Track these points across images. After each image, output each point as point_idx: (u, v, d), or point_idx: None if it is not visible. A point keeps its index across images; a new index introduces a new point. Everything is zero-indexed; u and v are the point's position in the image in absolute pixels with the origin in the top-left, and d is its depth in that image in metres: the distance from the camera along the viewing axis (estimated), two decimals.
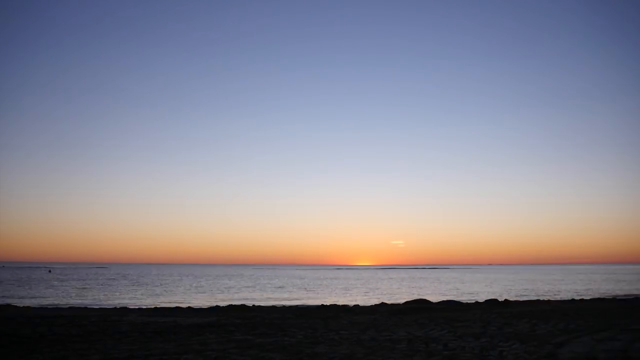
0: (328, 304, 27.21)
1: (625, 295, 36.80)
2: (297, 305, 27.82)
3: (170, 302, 34.18)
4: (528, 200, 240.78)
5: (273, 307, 26.07)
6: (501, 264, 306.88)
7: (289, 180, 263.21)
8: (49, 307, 27.75)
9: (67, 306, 28.38)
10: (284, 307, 26.67)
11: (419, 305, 26.18)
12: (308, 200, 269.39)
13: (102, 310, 23.92)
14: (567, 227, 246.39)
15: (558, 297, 36.28)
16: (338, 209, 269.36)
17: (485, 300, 29.02)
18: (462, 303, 27.99)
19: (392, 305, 27.46)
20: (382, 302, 31.09)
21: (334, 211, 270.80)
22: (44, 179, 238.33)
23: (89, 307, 28.19)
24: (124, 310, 24.22)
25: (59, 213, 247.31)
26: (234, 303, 29.45)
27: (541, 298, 34.96)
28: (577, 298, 33.66)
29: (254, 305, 26.85)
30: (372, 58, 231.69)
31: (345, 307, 25.82)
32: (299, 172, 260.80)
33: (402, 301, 30.29)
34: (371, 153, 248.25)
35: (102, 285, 60.07)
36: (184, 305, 28.99)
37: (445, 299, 31.36)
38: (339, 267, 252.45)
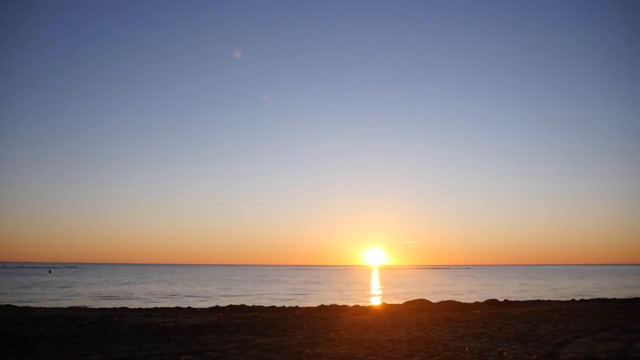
0: (328, 305, 27.16)
1: (625, 296, 36.76)
2: (297, 306, 27.78)
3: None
4: (533, 200, 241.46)
5: (273, 307, 26.05)
6: (504, 265, 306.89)
7: (295, 179, 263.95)
8: (49, 307, 27.72)
9: (67, 306, 28.35)
10: (284, 307, 26.65)
11: (419, 305, 26.17)
12: (314, 200, 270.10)
13: (102, 310, 23.89)
14: (568, 227, 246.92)
15: (558, 298, 36.25)
16: (347, 209, 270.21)
17: (485, 301, 29.01)
18: (462, 303, 27.97)
19: (392, 305, 27.45)
20: (382, 302, 31.09)
21: (342, 211, 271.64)
22: (45, 179, 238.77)
23: (88, 307, 28.18)
24: (124, 310, 24.20)
25: (60, 213, 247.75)
26: (234, 303, 29.42)
27: (541, 298, 34.93)
28: (578, 298, 33.63)
29: (254, 306, 26.83)
30: (380, 58, 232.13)
31: (345, 307, 25.80)
32: (306, 172, 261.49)
33: (402, 301, 30.27)
34: (379, 153, 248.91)
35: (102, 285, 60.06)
36: (183, 305, 28.96)
37: (445, 299, 31.33)
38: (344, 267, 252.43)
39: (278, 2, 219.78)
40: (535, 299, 34.43)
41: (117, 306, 28.48)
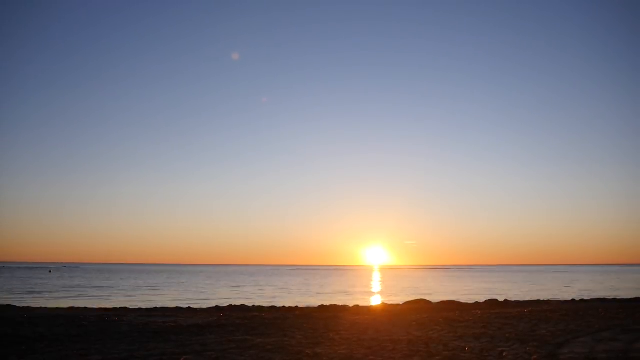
0: (328, 305, 27.18)
1: (625, 296, 36.75)
2: (297, 306, 27.78)
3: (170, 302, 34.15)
4: (534, 201, 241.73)
5: (273, 307, 26.05)
6: (505, 265, 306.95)
7: (296, 180, 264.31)
8: (49, 307, 27.72)
9: (67, 306, 28.35)
10: (284, 307, 26.66)
11: (419, 306, 26.16)
12: (315, 201, 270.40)
13: (102, 310, 23.89)
14: (569, 227, 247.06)
15: (558, 298, 36.24)
16: (348, 210, 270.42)
17: (485, 301, 29.00)
18: (462, 303, 27.97)
19: (392, 305, 27.45)
20: (382, 302, 31.10)
21: (343, 212, 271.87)
22: (47, 180, 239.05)
23: (89, 307, 28.16)
24: (124, 310, 24.20)
25: (59, 213, 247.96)
26: (234, 303, 29.41)
27: (541, 299, 34.92)
28: (578, 299, 33.62)
29: (254, 306, 26.83)
30: (381, 60, 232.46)
31: (345, 307, 25.80)
32: (307, 173, 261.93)
33: (402, 301, 30.27)
34: (380, 154, 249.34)
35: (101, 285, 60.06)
36: (184, 305, 28.96)
37: (445, 299, 31.33)
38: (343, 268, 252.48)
39: (276, 5, 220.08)
40: (535, 299, 34.42)
41: (117, 306, 28.48)
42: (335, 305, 26.54)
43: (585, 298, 34.30)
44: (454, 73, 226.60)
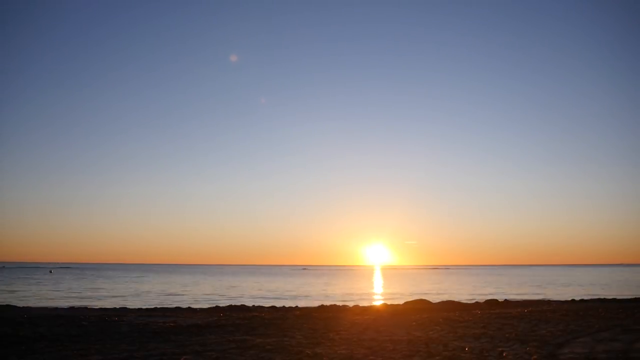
0: (328, 305, 27.17)
1: (625, 296, 36.73)
2: (297, 306, 27.78)
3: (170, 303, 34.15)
4: (535, 201, 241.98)
5: (273, 307, 26.06)
6: (505, 265, 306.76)
7: (297, 181, 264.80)
8: (49, 307, 27.73)
9: (67, 306, 28.36)
10: (284, 307, 26.67)
11: (419, 306, 26.15)
12: (315, 201, 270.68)
13: (102, 311, 23.91)
14: (568, 227, 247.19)
15: (558, 298, 36.23)
16: (349, 210, 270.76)
17: (485, 301, 28.99)
18: (462, 303, 27.96)
19: (392, 305, 27.44)
20: (382, 302, 31.09)
21: (343, 212, 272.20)
22: (50, 180, 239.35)
23: (89, 307, 28.17)
24: (124, 310, 24.21)
25: (64, 214, 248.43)
26: (234, 303, 29.41)
27: (541, 299, 34.89)
28: (578, 299, 33.61)
29: (254, 306, 26.84)
30: (381, 62, 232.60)
31: (345, 307, 25.80)
32: (307, 174, 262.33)
33: (402, 301, 30.25)
34: (380, 155, 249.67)
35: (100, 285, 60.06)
36: (184, 306, 28.97)
37: (445, 299, 31.33)
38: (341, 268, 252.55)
39: (275, 7, 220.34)
40: (535, 299, 34.41)
41: (117, 306, 28.49)
42: (335, 305, 26.54)
43: (585, 298, 34.28)
44: (454, 75, 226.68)
